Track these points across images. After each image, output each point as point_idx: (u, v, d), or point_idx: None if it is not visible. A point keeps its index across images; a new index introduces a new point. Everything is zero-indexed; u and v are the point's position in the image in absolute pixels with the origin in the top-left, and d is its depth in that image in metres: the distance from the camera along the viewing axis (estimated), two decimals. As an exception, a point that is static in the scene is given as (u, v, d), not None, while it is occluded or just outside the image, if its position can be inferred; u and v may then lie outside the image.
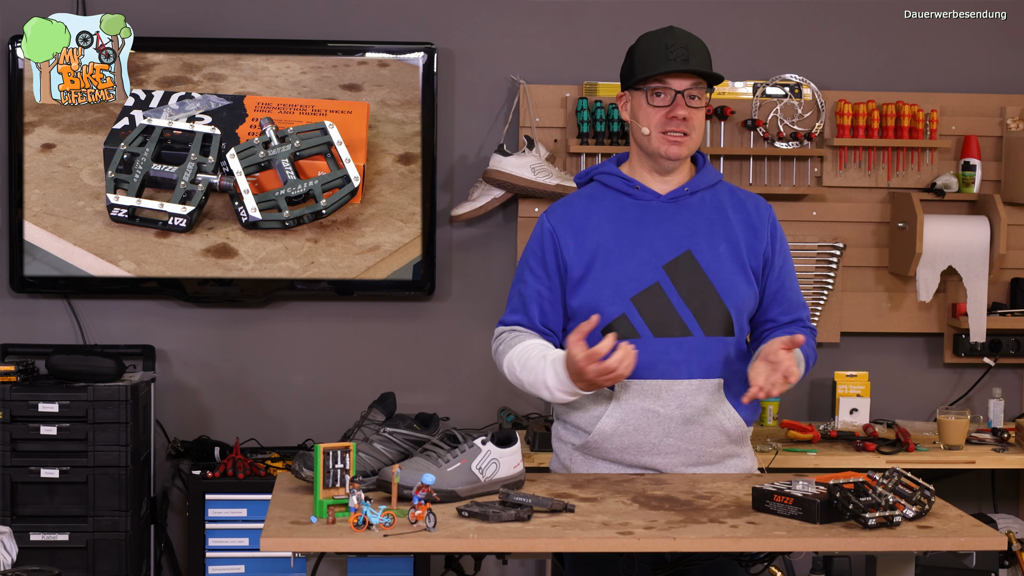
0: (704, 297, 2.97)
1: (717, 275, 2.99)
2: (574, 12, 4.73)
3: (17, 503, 4.22)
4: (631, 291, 2.96)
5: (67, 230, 4.53)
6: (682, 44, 2.96)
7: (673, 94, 2.96)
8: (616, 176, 3.06)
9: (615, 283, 2.97)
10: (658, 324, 2.95)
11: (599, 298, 2.97)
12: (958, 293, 4.72)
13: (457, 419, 4.60)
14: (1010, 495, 4.89)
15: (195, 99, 4.56)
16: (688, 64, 2.95)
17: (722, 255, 3.00)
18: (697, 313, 2.97)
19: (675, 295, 2.97)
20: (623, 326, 2.95)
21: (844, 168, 4.73)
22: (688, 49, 2.96)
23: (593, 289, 2.98)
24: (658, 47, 2.97)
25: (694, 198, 3.05)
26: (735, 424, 3.00)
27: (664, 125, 2.98)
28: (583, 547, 2.51)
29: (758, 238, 3.04)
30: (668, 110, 2.97)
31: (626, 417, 2.95)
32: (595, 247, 3.00)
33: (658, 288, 2.97)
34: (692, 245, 2.99)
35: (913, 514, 2.62)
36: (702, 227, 3.02)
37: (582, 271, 3.00)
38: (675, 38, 2.98)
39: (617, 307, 2.96)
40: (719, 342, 2.98)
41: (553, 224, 3.04)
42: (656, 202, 3.03)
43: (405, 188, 4.61)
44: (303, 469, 2.74)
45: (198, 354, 4.70)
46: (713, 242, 3.01)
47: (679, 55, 2.95)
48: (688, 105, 2.97)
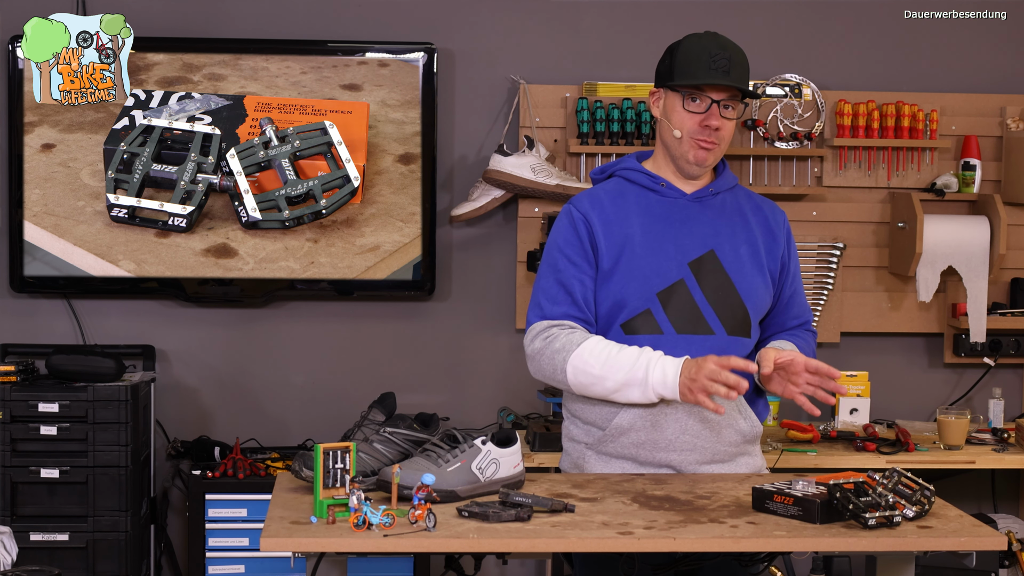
0: (726, 297, 2.98)
1: (738, 276, 2.99)
2: (574, 12, 4.73)
3: (17, 503, 4.22)
4: (657, 286, 2.96)
5: (67, 230, 4.53)
6: (726, 55, 2.94)
7: (709, 103, 2.95)
8: (642, 172, 3.05)
9: (642, 277, 2.96)
10: (681, 321, 2.96)
11: (626, 291, 2.96)
12: (958, 293, 4.73)
13: (457, 419, 4.60)
14: (1010, 495, 4.89)
15: (195, 99, 4.56)
16: (729, 77, 2.94)
17: (743, 257, 3.01)
18: (720, 312, 2.97)
19: (699, 293, 2.97)
20: (647, 321, 2.95)
21: (844, 168, 4.73)
22: (731, 61, 2.94)
23: (620, 282, 2.97)
24: (702, 53, 2.95)
25: (717, 199, 3.06)
26: (751, 424, 3.02)
27: (697, 132, 2.97)
28: (583, 547, 2.51)
29: (776, 242, 3.06)
30: (703, 117, 2.96)
31: (644, 412, 2.95)
32: (624, 240, 2.98)
33: (683, 285, 2.97)
34: (715, 245, 3.00)
35: (913, 514, 2.62)
36: (724, 228, 3.03)
37: (611, 263, 2.98)
38: (720, 47, 2.95)
39: (642, 302, 2.96)
40: (739, 343, 2.99)
41: (584, 212, 3.00)
42: (682, 200, 3.03)
43: (405, 188, 4.61)
44: (303, 469, 2.74)
45: (198, 354, 4.70)
46: (735, 243, 3.02)
47: (722, 65, 2.93)
48: (722, 115, 2.96)
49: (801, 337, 3.11)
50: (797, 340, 3.09)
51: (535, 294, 3.02)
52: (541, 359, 2.96)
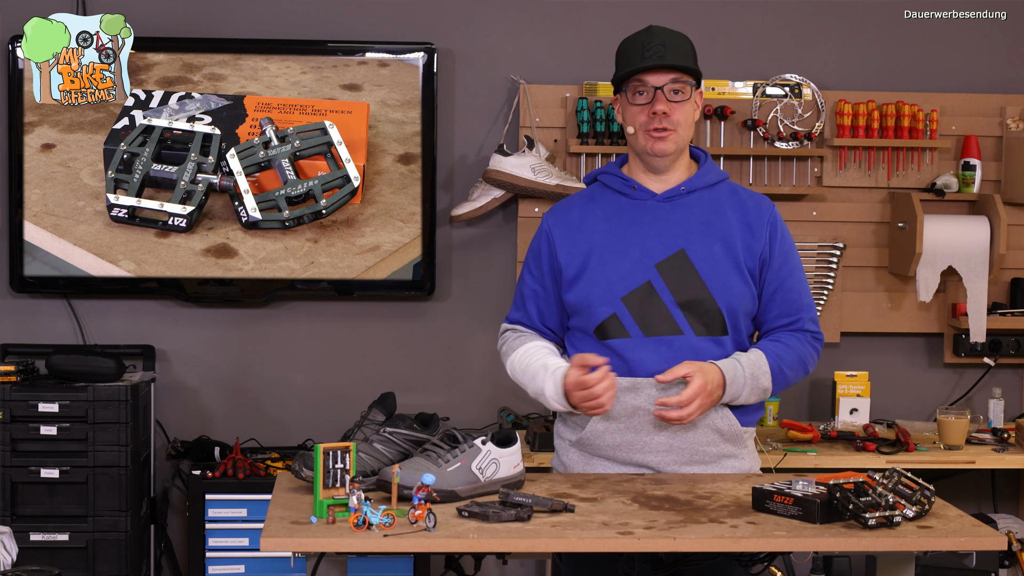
0: (697, 297, 2.97)
1: (711, 274, 2.98)
2: (574, 12, 4.73)
3: (17, 503, 4.22)
4: (622, 290, 2.97)
5: (67, 230, 4.53)
6: (659, 41, 2.98)
7: (653, 91, 2.97)
8: (615, 176, 3.08)
9: (607, 282, 2.98)
10: (648, 323, 2.96)
11: (591, 297, 2.99)
12: (958, 293, 4.73)
13: (457, 419, 4.60)
14: (1010, 495, 4.89)
15: (195, 99, 4.56)
16: (664, 59, 2.96)
17: (717, 255, 2.99)
18: (688, 313, 2.96)
19: (667, 294, 2.96)
20: (614, 325, 2.97)
21: (844, 168, 4.73)
22: (665, 46, 2.97)
23: (585, 288, 3.00)
24: (635, 47, 3.00)
25: (691, 197, 3.04)
26: (728, 423, 3.00)
27: (647, 123, 2.98)
28: (583, 547, 2.51)
29: (755, 238, 3.02)
30: (649, 107, 2.98)
31: (617, 415, 2.96)
32: (589, 247, 3.02)
33: (649, 287, 2.97)
34: (686, 244, 2.99)
35: (913, 514, 2.62)
36: (697, 226, 3.01)
37: (576, 270, 3.02)
38: (651, 36, 3.00)
39: (608, 307, 2.98)
40: (711, 342, 2.97)
41: (550, 225, 3.09)
42: (651, 201, 3.04)
43: (405, 188, 4.61)
44: (303, 469, 2.74)
45: (198, 354, 4.70)
46: (708, 242, 3.00)
47: (655, 52, 2.97)
48: (670, 100, 2.97)
49: (780, 340, 3.04)
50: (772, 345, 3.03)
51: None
52: (501, 357, 3.19)
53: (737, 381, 2.95)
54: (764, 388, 2.99)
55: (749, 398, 2.98)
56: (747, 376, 2.96)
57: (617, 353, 2.96)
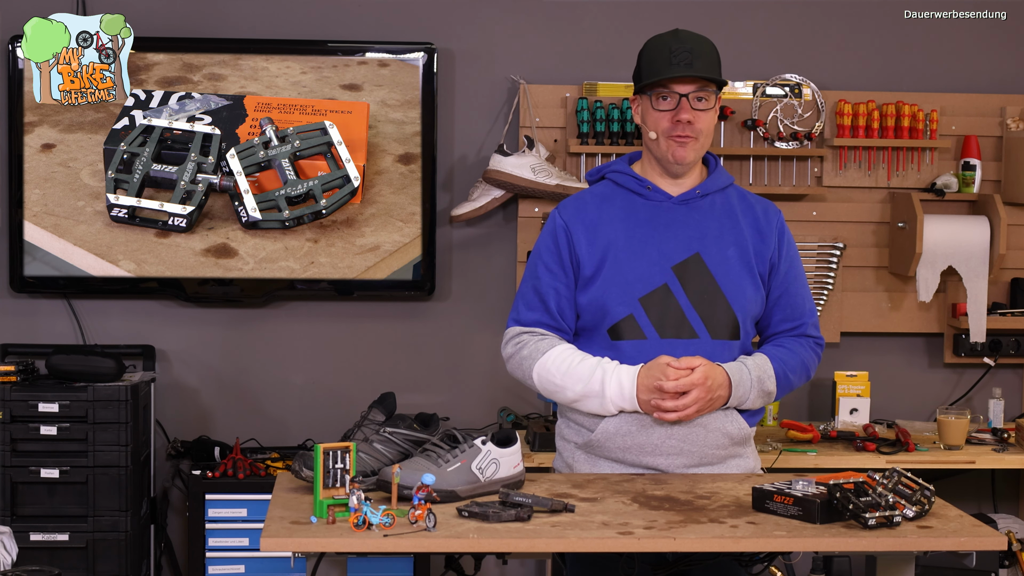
0: (712, 300, 2.97)
1: (725, 279, 2.98)
2: (574, 12, 4.73)
3: (17, 503, 4.22)
4: (639, 291, 2.96)
5: (67, 230, 4.53)
6: (686, 48, 2.95)
7: (678, 98, 2.96)
8: (628, 175, 3.05)
9: (624, 283, 2.97)
10: (665, 326, 2.95)
11: (607, 297, 2.97)
12: (958, 293, 4.73)
13: (457, 419, 4.60)
14: (1010, 495, 4.89)
15: (195, 99, 4.56)
16: (692, 68, 2.94)
17: (730, 259, 3.00)
18: (704, 316, 2.96)
19: (683, 297, 2.96)
20: (630, 326, 2.95)
21: (844, 168, 4.73)
22: (692, 53, 2.95)
23: (602, 288, 2.98)
24: (663, 51, 2.97)
25: (705, 201, 3.04)
26: (738, 427, 3.00)
27: (670, 130, 2.97)
28: (583, 547, 2.51)
29: (766, 243, 3.04)
30: (673, 114, 2.96)
31: (630, 417, 2.95)
32: (606, 245, 2.99)
33: (666, 289, 2.96)
34: (701, 248, 2.99)
35: (913, 514, 2.62)
36: (712, 230, 3.01)
37: (593, 269, 2.99)
38: (679, 42, 2.97)
39: (625, 307, 2.96)
40: (725, 345, 2.98)
41: (566, 220, 3.03)
42: (667, 203, 3.03)
43: (405, 188, 4.61)
44: (303, 469, 2.74)
45: (198, 354, 4.70)
46: (722, 245, 3.00)
47: (683, 59, 2.94)
48: (694, 108, 2.96)
49: (783, 346, 3.06)
50: (777, 350, 3.05)
51: (516, 298, 3.09)
52: (512, 364, 3.05)
53: (743, 385, 2.95)
54: (769, 392, 3.00)
55: (755, 402, 2.99)
56: (753, 380, 2.97)
57: (628, 354, 2.95)
